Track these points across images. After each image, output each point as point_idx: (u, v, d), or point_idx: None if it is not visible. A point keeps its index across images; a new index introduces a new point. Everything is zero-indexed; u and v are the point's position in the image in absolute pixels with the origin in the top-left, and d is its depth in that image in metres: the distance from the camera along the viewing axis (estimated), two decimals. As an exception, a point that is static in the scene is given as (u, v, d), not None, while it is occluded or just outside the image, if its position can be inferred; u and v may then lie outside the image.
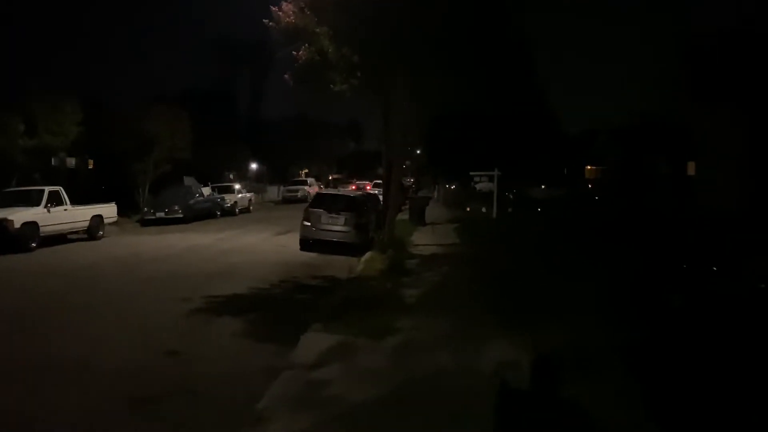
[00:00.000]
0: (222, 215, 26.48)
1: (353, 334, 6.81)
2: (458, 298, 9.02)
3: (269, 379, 5.44)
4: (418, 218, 22.41)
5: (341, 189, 46.15)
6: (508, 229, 19.99)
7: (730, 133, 20.55)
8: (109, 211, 17.96)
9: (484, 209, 30.51)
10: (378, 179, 50.35)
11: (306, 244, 15.29)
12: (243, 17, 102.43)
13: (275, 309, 8.65)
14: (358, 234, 14.95)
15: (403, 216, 23.21)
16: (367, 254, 14.03)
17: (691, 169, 24.26)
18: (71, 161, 31.35)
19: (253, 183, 45.01)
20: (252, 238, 17.78)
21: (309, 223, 15.10)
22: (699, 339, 6.07)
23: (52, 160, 27.25)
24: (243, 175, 47.41)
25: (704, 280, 7.57)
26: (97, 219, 17.18)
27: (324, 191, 17.86)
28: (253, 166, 50.93)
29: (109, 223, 18.25)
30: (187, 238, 17.47)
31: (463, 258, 13.54)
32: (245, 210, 30.02)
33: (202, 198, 25.15)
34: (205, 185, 27.30)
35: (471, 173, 27.69)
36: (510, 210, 28.53)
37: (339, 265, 13.05)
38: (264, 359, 6.25)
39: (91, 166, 30.55)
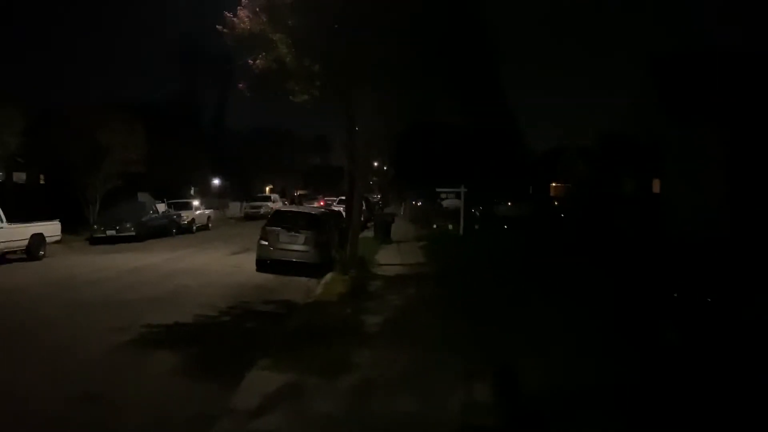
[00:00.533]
0: (179, 233, 25.25)
1: (305, 372, 6.00)
2: (424, 326, 8.26)
3: (201, 430, 4.60)
4: (384, 236, 21.70)
5: (305, 205, 45.30)
6: (475, 247, 19.41)
7: (695, 150, 20.52)
8: (51, 229, 16.70)
9: (450, 226, 29.99)
10: (344, 195, 49.72)
11: (263, 264, 14.37)
12: (207, 27, 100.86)
13: (221, 341, 7.75)
14: (318, 253, 14.11)
15: (369, 233, 22.50)
16: (328, 275, 13.21)
17: (656, 186, 24.21)
18: (21, 176, 29.78)
19: (215, 199, 43.72)
20: (205, 258, 16.76)
21: (266, 243, 14.20)
22: (709, 383, 5.35)
23: (-1, 175, 25.77)
24: (205, 191, 46.11)
25: (701, 313, 6.93)
26: (38, 238, 15.91)
27: (283, 208, 16.96)
28: (216, 181, 49.62)
29: (53, 242, 16.97)
30: (136, 258, 16.34)
31: (430, 279, 12.82)
32: (204, 227, 28.81)
33: (156, 215, 23.90)
34: (161, 201, 26.07)
35: (437, 190, 27.13)
36: (477, 227, 28.01)
37: (296, 288, 12.20)
38: (200, 404, 5.39)
39: (42, 181, 29.07)
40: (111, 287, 11.47)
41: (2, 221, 14.60)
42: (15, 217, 17.23)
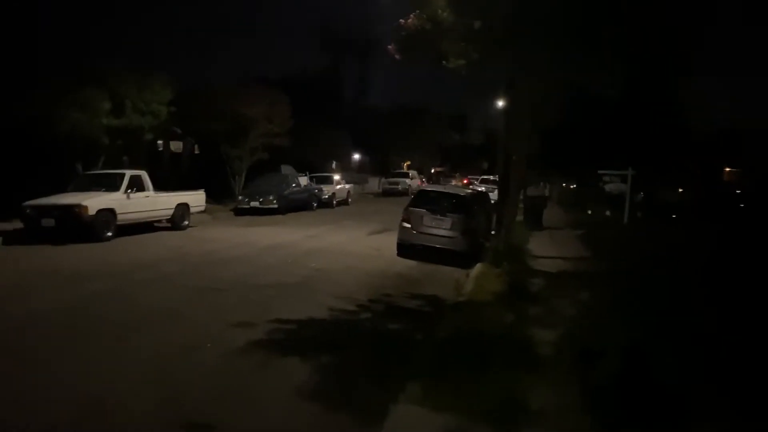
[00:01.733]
0: (318, 207, 24.93)
1: (467, 414, 4.43)
2: (615, 350, 6.32)
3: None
4: (534, 221, 19.47)
5: (447, 184, 43.75)
6: (646, 241, 16.62)
7: None
8: (196, 199, 16.65)
9: (608, 212, 26.89)
10: (484, 174, 47.25)
11: (404, 248, 13.02)
12: (349, 4, 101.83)
13: (358, 348, 6.38)
14: (466, 240, 12.45)
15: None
16: (478, 267, 11.53)
17: None
18: (178, 145, 31.22)
19: (355, 174, 43.62)
20: (344, 237, 15.78)
21: (409, 225, 12.79)
22: None
23: (158, 143, 26.95)
24: (345, 166, 46.28)
25: None
26: (182, 208, 15.88)
27: (427, 188, 15.46)
28: (356, 156, 49.70)
29: (197, 212, 16.95)
30: (275, 233, 15.78)
31: (600, 279, 10.64)
32: (343, 202, 28.35)
33: (298, 188, 23.63)
34: (304, 175, 25.84)
35: (600, 172, 24.14)
36: (639, 215, 24.70)
37: (443, 280, 10.66)
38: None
39: (197, 152, 30.18)
40: (246, 267, 10.69)
41: (150, 190, 14.58)
42: (169, 184, 17.55)
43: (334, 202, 26.81)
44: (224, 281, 9.29)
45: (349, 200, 29.17)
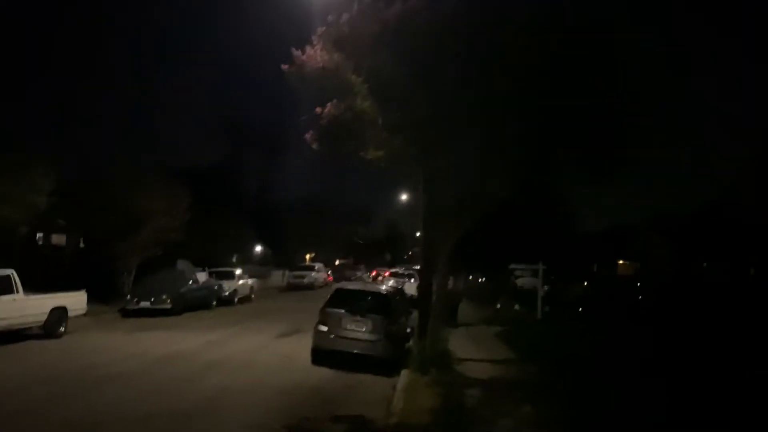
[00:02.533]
0: (219, 305, 22.89)
1: None
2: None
3: None
4: (450, 317, 18.72)
5: (352, 278, 42.59)
6: (563, 338, 16.24)
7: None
8: (75, 301, 14.44)
9: (517, 306, 26.83)
10: (389, 267, 46.74)
11: (320, 354, 11.65)
12: (253, 97, 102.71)
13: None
14: (389, 345, 11.32)
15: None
16: (404, 375, 10.41)
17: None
18: (61, 239, 28.26)
19: (258, 267, 41.73)
20: (249, 342, 14.10)
21: (326, 328, 11.50)
22: None
23: (38, 237, 24.16)
24: (248, 259, 44.32)
25: None
26: (59, 312, 13.65)
27: (346, 286, 14.29)
28: (258, 248, 47.97)
29: (77, 316, 14.68)
30: (169, 340, 13.85)
31: (538, 388, 9.83)
32: (246, 299, 26.40)
33: (195, 286, 21.62)
34: (202, 270, 23.89)
35: (511, 266, 24.16)
36: (547, 309, 24.76)
37: (367, 394, 9.41)
38: None
39: (81, 245, 27.38)
40: (130, 389, 8.85)
41: (17, 292, 12.38)
42: (46, 282, 15.28)
43: (236, 299, 24.85)
44: (100, 412, 7.44)
45: (252, 296, 27.27)
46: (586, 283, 31.63)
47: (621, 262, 41.19)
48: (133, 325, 16.87)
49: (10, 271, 12.43)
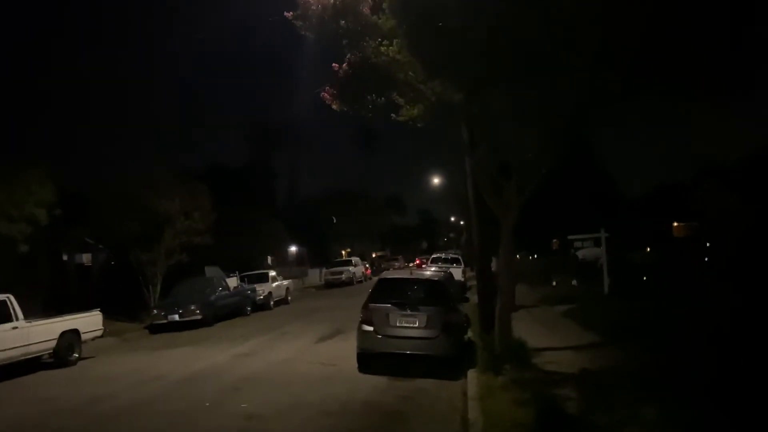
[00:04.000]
0: (254, 310, 21.35)
1: None
2: None
3: None
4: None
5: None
6: (647, 313, 14.01)
7: None
8: (88, 322, 12.84)
9: (574, 282, 24.57)
10: (425, 254, 44.56)
11: (367, 359, 9.80)
12: (277, 100, 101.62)
13: None
14: (449, 340, 9.38)
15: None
16: (472, 377, 8.48)
17: None
18: (87, 257, 27.06)
19: (294, 267, 40.30)
20: (286, 350, 12.33)
21: (371, 328, 9.61)
22: None
23: (64, 255, 22.87)
24: (282, 259, 43.00)
25: None
26: (70, 336, 12.09)
27: (390, 275, 12.40)
28: (293, 248, 46.65)
29: (93, 338, 13.17)
30: (196, 356, 12.20)
31: (654, 379, 7.75)
32: (282, 301, 24.80)
33: (226, 292, 20.06)
34: (233, 275, 22.36)
35: (570, 237, 21.91)
36: (609, 282, 22.45)
37: (431, 406, 7.53)
38: None
39: (112, 263, 26.05)
40: (144, 423, 7.14)
41: (16, 319, 10.83)
42: (67, 303, 13.94)
43: (272, 302, 23.26)
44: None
45: (289, 298, 25.64)
46: (648, 249, 29.06)
47: (675, 224, 38.24)
48: (159, 342, 15.33)
49: (6, 297, 10.87)
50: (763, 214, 23.93)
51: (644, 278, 23.64)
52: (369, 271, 44.27)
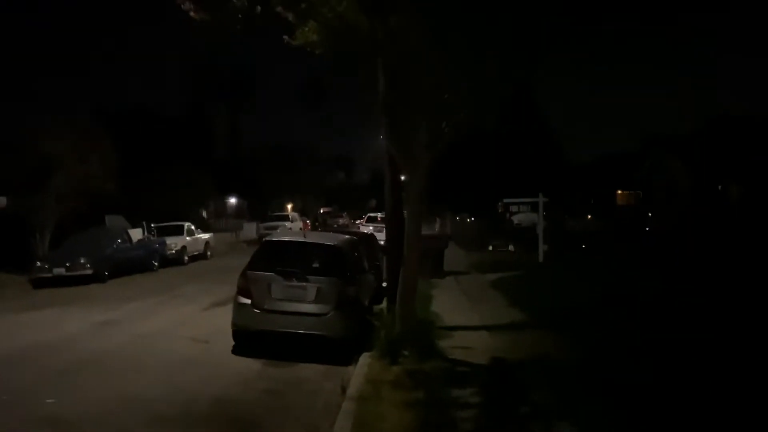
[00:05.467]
0: (164, 265, 19.33)
1: None
2: None
3: None
4: (434, 267, 15.24)
5: (333, 226, 39.15)
6: (580, 286, 12.83)
7: None
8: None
9: (510, 247, 23.54)
10: (372, 213, 43.26)
11: (243, 338, 8.12)
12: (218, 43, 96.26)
13: None
14: (343, 318, 7.74)
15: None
16: (363, 366, 6.93)
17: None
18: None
19: (231, 220, 38.22)
20: (163, 319, 10.48)
21: (248, 301, 7.87)
22: None
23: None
24: (220, 212, 40.71)
25: None
26: None
27: (279, 237, 10.59)
28: (232, 200, 44.37)
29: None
30: (54, 322, 10.23)
31: (573, 377, 6.39)
32: (201, 256, 22.80)
33: (128, 245, 17.92)
34: (140, 226, 20.14)
35: (505, 201, 20.59)
36: (545, 248, 21.45)
37: (305, 404, 5.93)
38: None
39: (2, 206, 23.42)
40: None
41: None
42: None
43: (186, 257, 21.26)
44: None
45: (209, 253, 23.62)
46: (589, 217, 28.31)
47: (619, 192, 37.79)
48: (33, 300, 13.26)
49: None
50: (706, 182, 23.39)
51: (582, 246, 22.81)
52: (308, 227, 42.45)
